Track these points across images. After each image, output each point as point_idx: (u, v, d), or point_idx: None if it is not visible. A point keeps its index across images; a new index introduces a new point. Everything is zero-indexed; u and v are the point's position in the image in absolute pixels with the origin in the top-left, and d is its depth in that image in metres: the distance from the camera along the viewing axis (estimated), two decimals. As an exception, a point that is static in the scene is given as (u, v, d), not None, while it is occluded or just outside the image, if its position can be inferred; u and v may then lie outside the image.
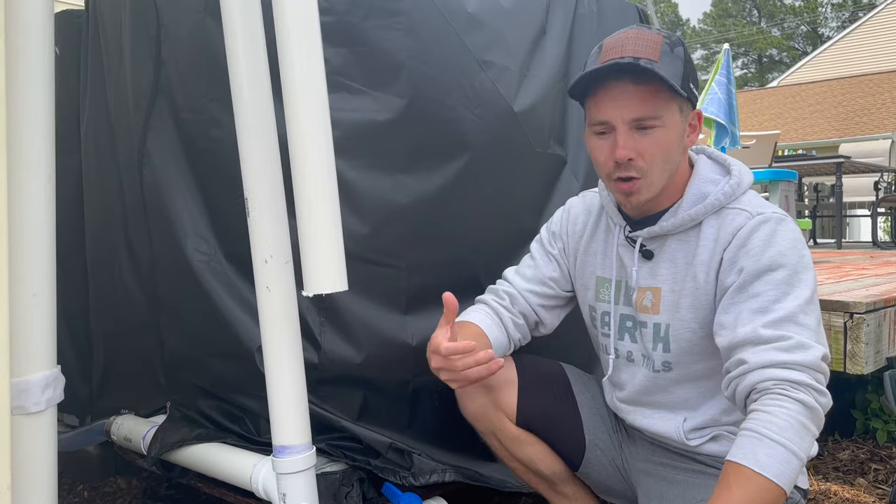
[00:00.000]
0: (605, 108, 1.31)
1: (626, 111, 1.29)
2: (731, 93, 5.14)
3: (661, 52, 1.28)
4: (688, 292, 1.36)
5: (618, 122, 1.30)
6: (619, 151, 1.30)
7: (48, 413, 1.19)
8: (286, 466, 1.38)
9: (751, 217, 1.32)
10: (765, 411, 1.15)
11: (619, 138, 1.30)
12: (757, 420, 1.15)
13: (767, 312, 1.23)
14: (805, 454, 1.15)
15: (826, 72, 20.15)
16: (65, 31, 2.07)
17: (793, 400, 1.15)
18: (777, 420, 1.13)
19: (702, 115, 1.37)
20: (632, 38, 1.30)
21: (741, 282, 1.28)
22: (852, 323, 2.22)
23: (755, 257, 1.27)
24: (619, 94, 1.29)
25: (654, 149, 1.30)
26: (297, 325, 1.38)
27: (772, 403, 1.15)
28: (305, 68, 1.20)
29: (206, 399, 1.79)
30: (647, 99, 1.28)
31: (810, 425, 1.15)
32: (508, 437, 1.57)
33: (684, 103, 1.34)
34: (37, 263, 1.17)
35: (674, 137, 1.33)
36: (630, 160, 1.30)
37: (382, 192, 1.63)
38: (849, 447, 2.70)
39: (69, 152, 2.07)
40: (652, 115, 1.29)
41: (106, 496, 2.37)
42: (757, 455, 1.12)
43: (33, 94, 1.15)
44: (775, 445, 1.12)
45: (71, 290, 2.09)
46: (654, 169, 1.32)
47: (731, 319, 1.27)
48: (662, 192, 1.37)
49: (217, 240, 1.70)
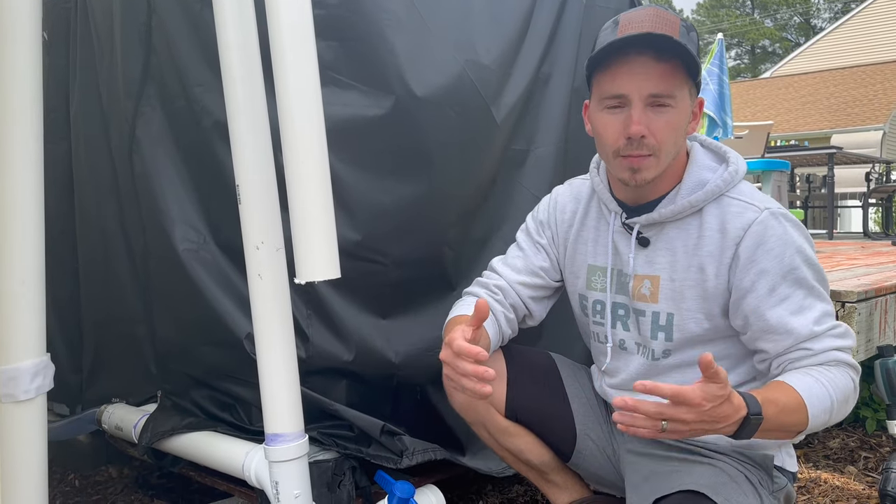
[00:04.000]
0: (622, 82, 1.28)
1: (646, 85, 1.27)
2: (724, 82, 5.14)
3: (679, 33, 1.28)
4: (693, 283, 1.36)
5: (635, 96, 1.28)
6: (634, 127, 1.28)
7: (38, 401, 1.19)
8: (278, 454, 1.38)
9: (759, 211, 1.31)
10: (829, 371, 1.27)
11: (633, 113, 1.28)
12: (821, 373, 1.26)
13: (807, 311, 1.30)
14: (835, 419, 1.28)
15: (819, 63, 20.19)
16: (53, 17, 2.04)
17: (850, 378, 1.29)
18: (837, 381, 1.26)
19: (703, 104, 1.36)
20: (651, 16, 1.29)
21: (770, 284, 1.29)
22: (844, 312, 2.23)
23: (777, 258, 1.29)
24: (640, 68, 1.27)
25: (667, 128, 1.30)
26: (289, 312, 1.37)
27: (836, 370, 1.28)
28: (298, 58, 1.19)
29: (198, 388, 1.79)
30: (666, 76, 1.27)
31: (851, 401, 1.29)
32: (497, 428, 1.57)
33: (693, 89, 1.34)
34: (25, 251, 1.16)
35: (683, 120, 1.32)
36: (643, 137, 1.29)
37: (370, 187, 1.63)
38: (839, 435, 2.71)
39: (58, 139, 2.05)
40: (669, 93, 1.28)
41: (97, 485, 2.36)
42: (812, 391, 1.22)
43: (20, 80, 1.14)
44: (827, 396, 1.23)
45: (61, 279, 2.08)
46: (664, 149, 1.31)
47: (777, 323, 1.30)
48: (661, 177, 1.36)
49: (208, 228, 1.70)
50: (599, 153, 1.42)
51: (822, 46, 20.93)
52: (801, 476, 2.33)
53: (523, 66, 1.91)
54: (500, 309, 1.54)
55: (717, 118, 5.05)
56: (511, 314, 1.56)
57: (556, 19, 1.99)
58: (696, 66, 1.30)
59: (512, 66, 1.88)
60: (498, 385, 1.55)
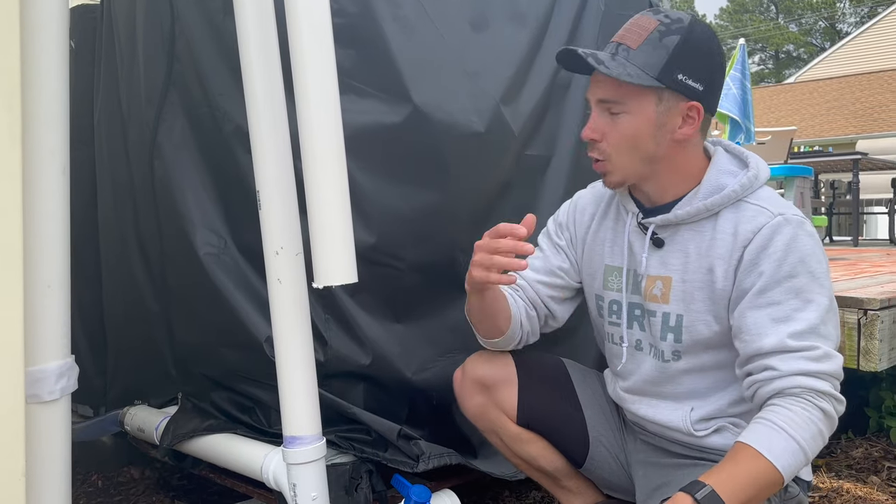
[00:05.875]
0: (589, 86, 1.38)
1: (598, 91, 1.35)
2: (746, 88, 5.10)
3: (644, 40, 1.30)
4: (702, 285, 1.36)
5: (592, 101, 1.37)
6: (584, 130, 1.37)
7: (62, 402, 1.21)
8: (296, 457, 1.39)
9: (772, 217, 1.30)
10: (787, 408, 1.20)
11: (590, 118, 1.37)
12: (777, 413, 1.20)
13: (790, 322, 1.25)
14: (812, 455, 1.21)
15: (844, 68, 19.94)
16: (80, 26, 2.09)
17: (816, 407, 1.20)
18: (797, 419, 1.19)
19: (701, 108, 1.34)
20: (630, 23, 1.35)
21: (762, 286, 1.28)
22: (866, 319, 2.20)
23: (776, 262, 1.27)
24: (596, 76, 1.35)
25: (618, 135, 1.34)
26: (307, 316, 1.39)
27: (795, 404, 1.20)
28: (318, 66, 1.21)
29: (217, 390, 1.81)
30: (613, 84, 1.32)
31: (825, 432, 1.22)
32: (509, 435, 1.58)
33: (666, 93, 1.31)
34: (51, 255, 1.19)
35: (642, 126, 1.33)
36: (593, 140, 1.36)
37: (386, 193, 1.65)
38: (862, 445, 2.68)
39: (82, 145, 2.09)
40: (615, 100, 1.33)
41: (119, 486, 2.39)
42: (772, 443, 1.17)
43: (49, 88, 1.16)
44: (790, 440, 1.17)
45: (84, 282, 2.12)
46: (618, 155, 1.35)
47: (752, 325, 1.27)
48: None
49: (229, 233, 1.72)
50: None
51: (847, 51, 20.68)
52: (823, 486, 2.30)
53: (540, 73, 1.92)
54: (522, 304, 1.56)
55: (741, 123, 5.01)
56: (532, 311, 1.57)
57: (574, 26, 2.00)
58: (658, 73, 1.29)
59: (528, 73, 1.89)
60: (509, 391, 1.56)
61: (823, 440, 1.22)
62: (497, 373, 1.56)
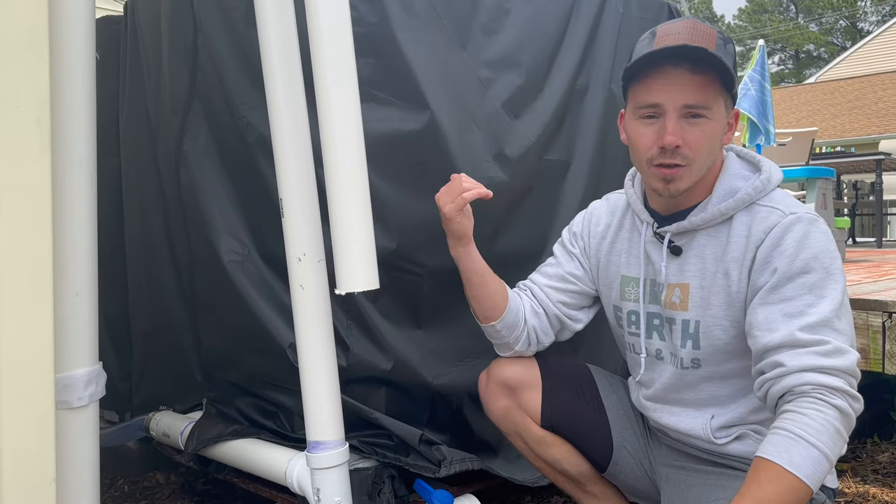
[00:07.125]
0: (657, 92, 1.31)
1: (680, 96, 1.30)
2: (766, 89, 5.06)
3: (716, 45, 1.29)
4: (719, 289, 1.36)
5: (669, 107, 1.31)
6: (668, 137, 1.30)
7: (91, 408, 1.23)
8: (320, 462, 1.40)
9: (784, 215, 1.31)
10: (801, 413, 1.16)
11: (668, 124, 1.31)
12: (792, 421, 1.15)
13: (802, 316, 1.23)
14: (835, 458, 1.16)
15: (865, 67, 19.70)
16: (104, 37, 2.12)
17: (830, 405, 1.16)
18: (813, 423, 1.14)
19: (739, 115, 1.37)
20: (688, 28, 1.31)
21: (774, 282, 1.27)
22: (891, 322, 2.17)
23: (789, 258, 1.26)
24: (675, 79, 1.30)
25: (701, 139, 1.31)
26: (330, 322, 1.40)
27: (809, 406, 1.16)
28: (339, 76, 1.22)
29: (241, 396, 1.83)
30: (701, 88, 1.29)
31: (843, 431, 1.16)
32: (533, 438, 1.58)
33: (729, 100, 1.35)
34: (79, 263, 1.21)
35: (718, 131, 1.34)
36: (677, 147, 1.31)
37: (406, 200, 1.66)
38: (888, 449, 2.64)
39: (108, 155, 2.12)
40: (704, 104, 1.30)
41: (145, 490, 2.42)
42: (791, 454, 1.12)
43: (76, 99, 1.19)
44: (810, 447, 1.13)
45: (111, 290, 2.14)
46: (698, 160, 1.33)
47: (764, 320, 1.26)
48: (695, 186, 1.37)
49: (252, 240, 1.74)
50: (633, 162, 1.44)
51: (868, 50, 20.43)
52: (849, 491, 2.28)
53: (558, 79, 1.92)
54: (528, 301, 1.58)
55: (760, 124, 4.97)
56: (539, 309, 1.59)
57: (593, 31, 2.00)
58: (731, 79, 1.31)
59: (545, 80, 1.90)
60: (533, 394, 1.56)
61: (844, 440, 1.17)
62: (522, 376, 1.57)
